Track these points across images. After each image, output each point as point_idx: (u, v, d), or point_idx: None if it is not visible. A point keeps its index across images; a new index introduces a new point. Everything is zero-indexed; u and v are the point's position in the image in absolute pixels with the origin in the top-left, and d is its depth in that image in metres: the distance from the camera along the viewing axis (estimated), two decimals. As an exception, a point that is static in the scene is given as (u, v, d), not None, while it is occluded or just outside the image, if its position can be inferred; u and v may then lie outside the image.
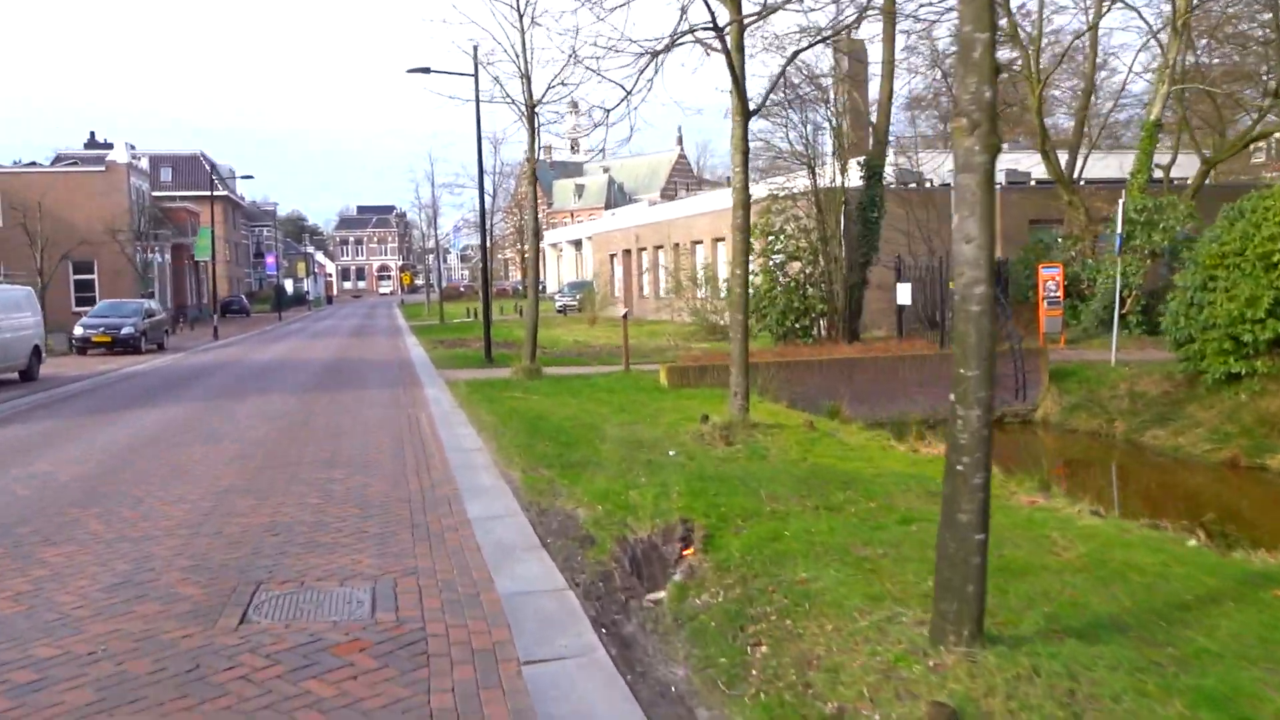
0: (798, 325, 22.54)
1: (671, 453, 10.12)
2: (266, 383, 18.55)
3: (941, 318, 20.18)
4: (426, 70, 20.32)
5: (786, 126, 22.27)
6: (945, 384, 16.82)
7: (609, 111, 11.06)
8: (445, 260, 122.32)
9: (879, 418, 17.15)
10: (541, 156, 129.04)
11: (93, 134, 65.95)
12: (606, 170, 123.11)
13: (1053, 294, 23.13)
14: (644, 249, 43.45)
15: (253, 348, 31.53)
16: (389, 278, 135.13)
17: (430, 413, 13.71)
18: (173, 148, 74.66)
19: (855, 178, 22.80)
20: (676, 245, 39.58)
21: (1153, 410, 16.50)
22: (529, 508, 7.82)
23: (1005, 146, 34.77)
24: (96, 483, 8.82)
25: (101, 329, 28.69)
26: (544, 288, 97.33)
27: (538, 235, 18.08)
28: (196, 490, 8.36)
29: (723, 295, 29.48)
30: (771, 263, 23.29)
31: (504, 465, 9.61)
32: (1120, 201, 20.13)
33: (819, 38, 11.91)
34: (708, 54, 10.98)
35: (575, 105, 34.22)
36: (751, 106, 10.76)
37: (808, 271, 22.88)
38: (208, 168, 74.51)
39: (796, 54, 12.17)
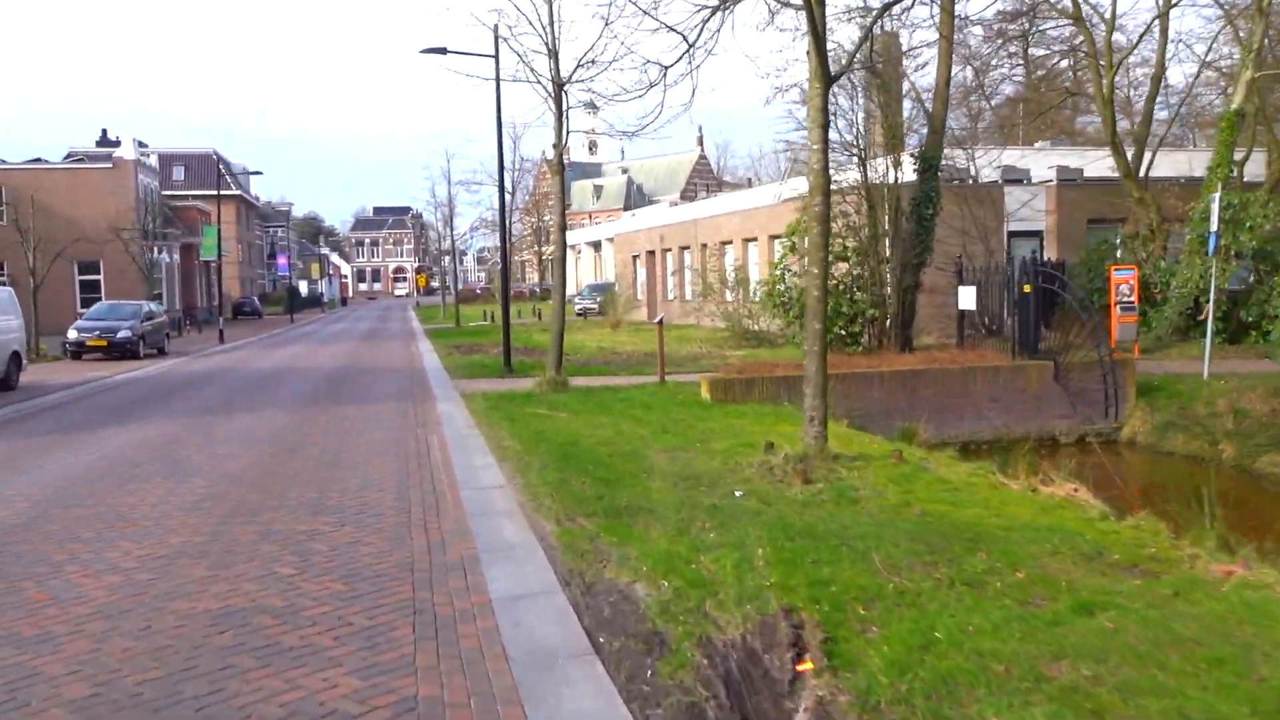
0: (846, 332, 20.55)
1: (738, 493, 8.19)
2: (262, 395, 16.73)
3: (1015, 325, 18.16)
4: (443, 51, 18.45)
5: (835, 114, 20.28)
6: (1021, 399, 14.53)
7: (666, 69, 9.12)
8: (461, 262, 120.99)
9: (948, 437, 15.17)
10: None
11: (104, 131, 64.48)
12: (625, 171, 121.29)
13: (1126, 298, 21.03)
14: (669, 250, 41.53)
15: (257, 353, 29.77)
16: (405, 279, 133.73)
17: (443, 434, 11.81)
18: (186, 146, 73.21)
19: (908, 171, 20.80)
20: (704, 246, 37.62)
21: (1267, 432, 14.44)
22: (569, 580, 5.90)
23: (1048, 144, 32.73)
24: (10, 538, 6.95)
25: (96, 333, 26.99)
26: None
27: (564, 230, 16.18)
28: (137, 552, 6.47)
29: (754, 297, 27.55)
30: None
31: (532, 509, 7.70)
32: (1214, 196, 18.06)
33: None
34: (776, 8, 9.04)
35: (594, 106, 32.79)
36: (833, 70, 8.80)
37: (855, 273, 20.90)
38: (220, 166, 73.17)
39: (887, 8, 10.22)
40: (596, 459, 9.71)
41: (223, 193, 71.63)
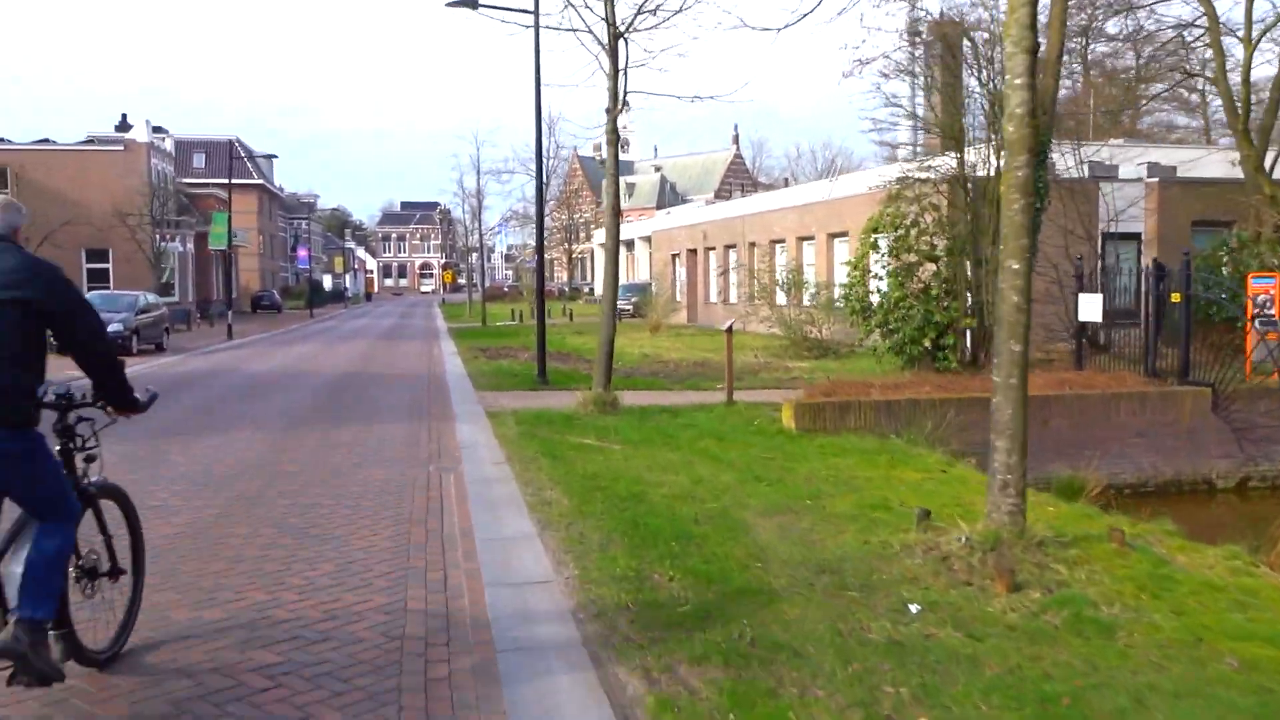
0: (935, 345, 17.54)
1: (913, 608, 5.27)
2: (247, 407, 13.96)
3: (1148, 340, 15.04)
4: (474, 3, 15.60)
5: (929, 87, 17.33)
6: (1172, 433, 10.27)
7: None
8: (489, 259, 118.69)
9: (1086, 479, 12.15)
10: (590, 153, 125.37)
11: (124, 117, 62.26)
12: (658, 169, 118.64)
13: (1266, 311, 17.88)
14: (711, 249, 38.59)
15: (263, 351, 27.11)
16: (431, 276, 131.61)
17: (462, 476, 8.94)
18: (206, 133, 71.04)
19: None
20: (751, 245, 34.65)
21: None
22: None
23: (1123, 142, 29.48)
24: None
25: (85, 325, 24.35)
26: (590, 289, 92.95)
27: (617, 214, 13.29)
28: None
29: (810, 301, 24.57)
30: (887, 263, 18.38)
31: (601, 639, 4.78)
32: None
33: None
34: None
35: (627, 103, 30.39)
36: None
37: (946, 275, 17.89)
38: (242, 154, 70.92)
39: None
40: (678, 527, 6.81)
41: (242, 181, 69.51)
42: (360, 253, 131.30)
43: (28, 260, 3.81)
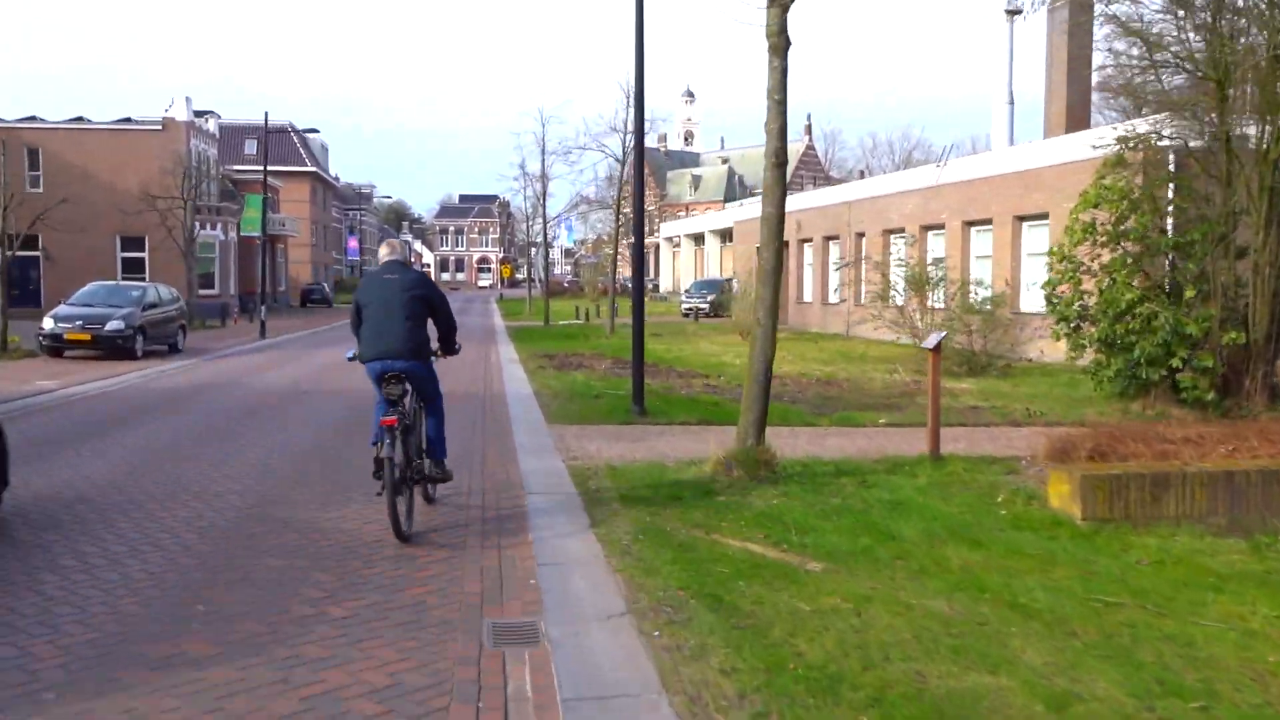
0: (1189, 367, 12.57)
1: None
2: (220, 453, 9.64)
3: None
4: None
5: (1185, 10, 12.35)
6: None
7: None
8: (550, 251, 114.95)
9: None
10: (656, 145, 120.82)
11: (197, 112, 59.18)
12: (725, 161, 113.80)
13: None
14: (807, 240, 33.72)
15: (291, 355, 22.95)
16: (489, 270, 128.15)
17: (546, 661, 4.37)
18: (258, 118, 67.78)
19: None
20: (859, 235, 29.76)
21: None
22: None
23: None
24: None
25: (79, 323, 20.38)
26: (655, 285, 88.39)
27: (783, 165, 8.60)
28: None
29: (974, 302, 19.65)
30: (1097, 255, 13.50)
31: None
32: None
33: None
34: None
35: (692, 95, 26.16)
36: None
37: (1195, 272, 12.92)
38: (294, 139, 67.59)
39: None
40: None
41: (294, 168, 66.31)
42: (418, 246, 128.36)
43: (419, 275, 7.29)
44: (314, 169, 66.97)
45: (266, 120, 34.36)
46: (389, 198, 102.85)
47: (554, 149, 35.38)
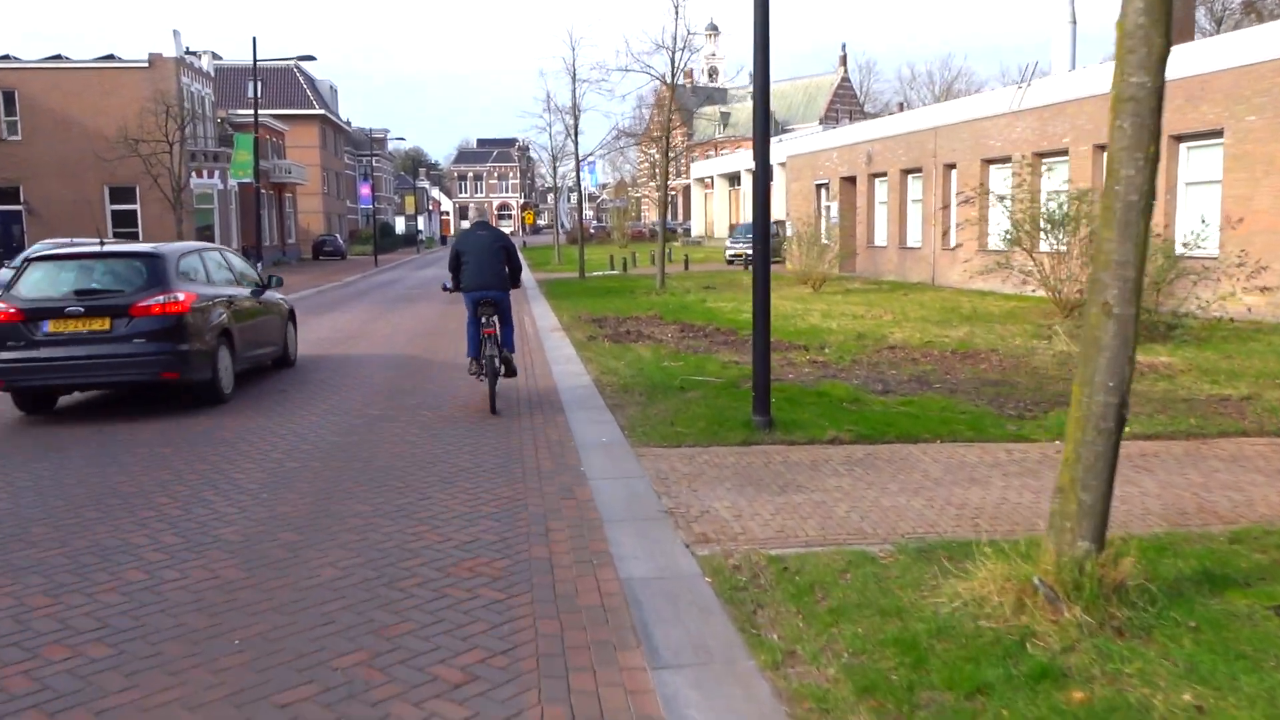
0: None
1: None
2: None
3: None
4: None
5: None
6: None
7: None
8: (570, 198, 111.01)
9: None
10: (681, 80, 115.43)
11: (189, 49, 54.95)
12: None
13: None
14: (879, 175, 29.39)
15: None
16: (509, 217, 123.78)
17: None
18: (262, 58, 63.32)
19: None
20: (949, 168, 25.46)
21: None
22: None
23: None
24: None
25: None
26: (686, 230, 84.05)
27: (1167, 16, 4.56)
28: None
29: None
30: None
31: None
32: None
33: None
34: None
35: (716, 28, 22.20)
36: None
37: None
38: (301, 80, 63.32)
39: None
40: None
41: (301, 110, 62.12)
42: (435, 193, 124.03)
43: (500, 231, 9.88)
44: (322, 111, 62.72)
45: (255, 47, 29.92)
46: (402, 139, 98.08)
47: (586, 76, 30.97)
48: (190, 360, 9.65)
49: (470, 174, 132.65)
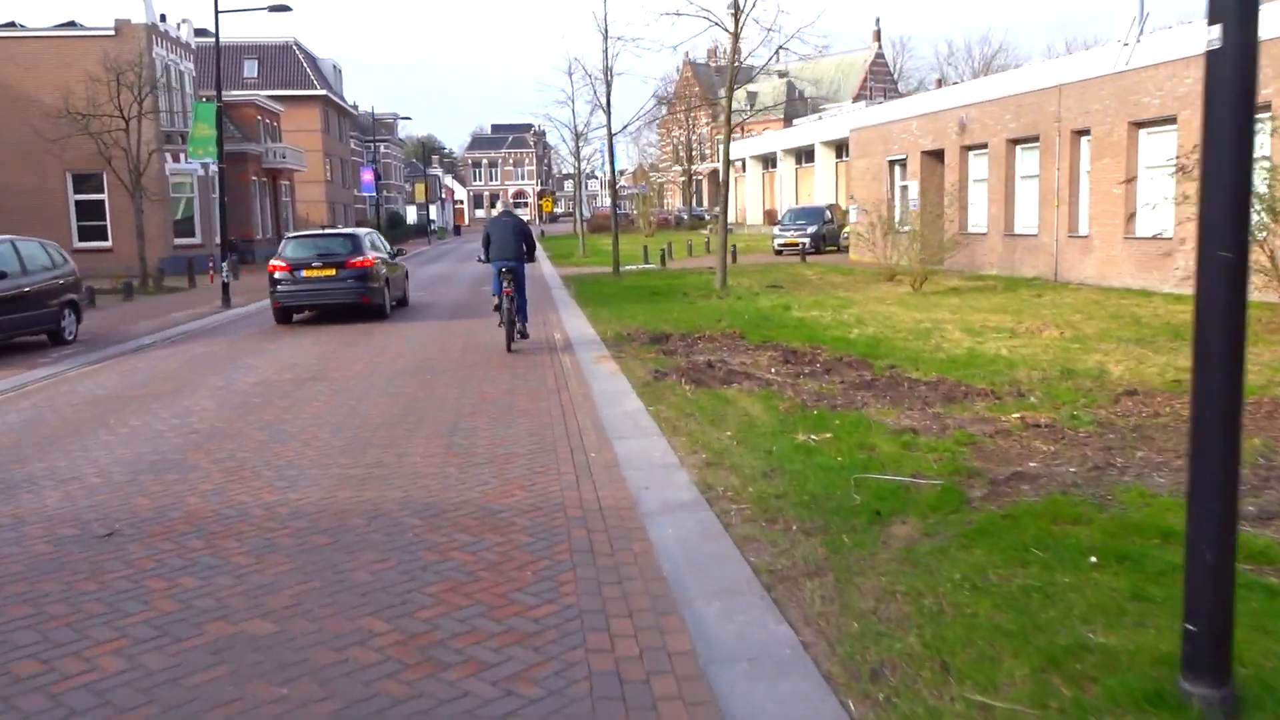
0: None
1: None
2: None
3: None
4: None
5: None
6: None
7: None
8: (586, 184, 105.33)
9: None
10: (704, 59, 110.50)
11: (163, 17, 50.12)
12: (784, 74, 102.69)
13: None
14: (977, 147, 24.30)
15: (232, 355, 14.26)
16: (525, 204, 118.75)
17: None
18: (259, 35, 58.65)
19: None
20: (1079, 134, 20.40)
21: None
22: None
23: None
24: None
25: None
26: (715, 216, 78.89)
27: None
28: None
29: None
30: None
31: None
32: None
33: None
34: None
35: (739, 6, 18.37)
36: None
37: None
38: (301, 58, 58.52)
39: None
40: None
41: (300, 91, 57.33)
42: (449, 181, 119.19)
43: (519, 218, 13.49)
44: (323, 92, 57.88)
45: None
46: (409, 118, 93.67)
47: (621, 33, 26.02)
48: (374, 292, 16.97)
49: (485, 160, 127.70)
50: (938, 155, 26.04)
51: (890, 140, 28.26)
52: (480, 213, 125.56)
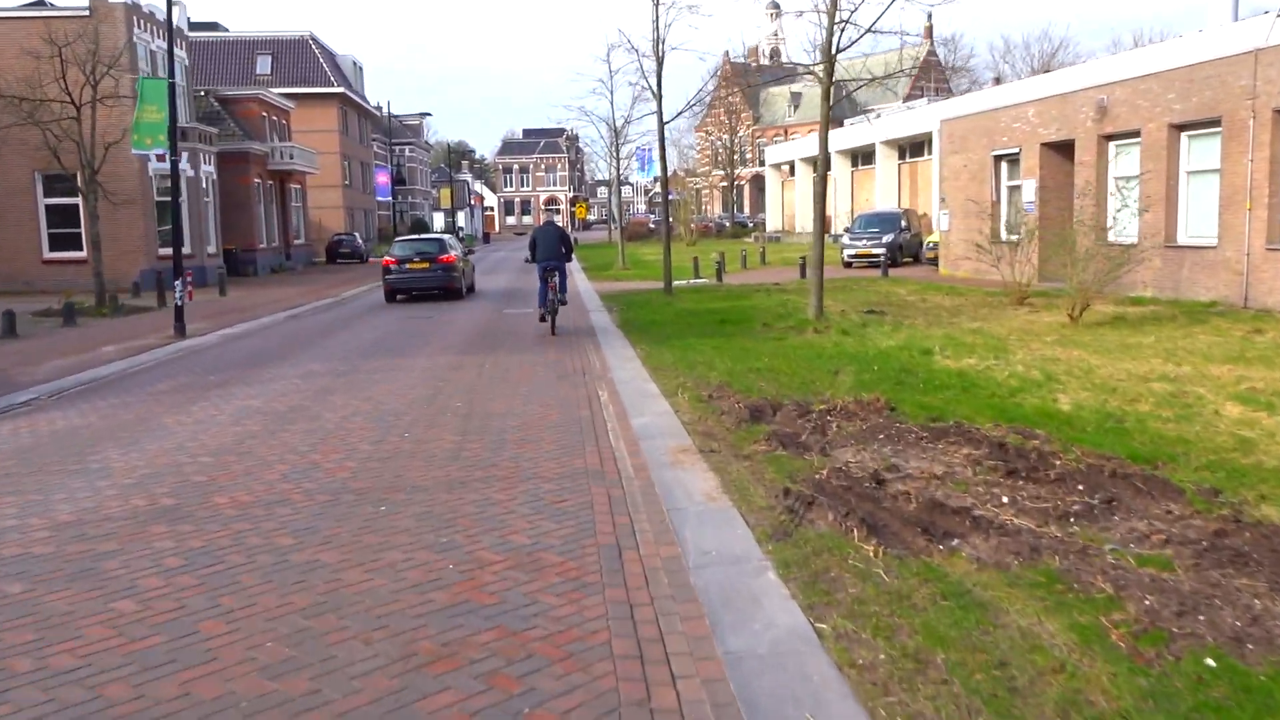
0: None
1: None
2: None
3: None
4: None
5: None
6: None
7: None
8: (625, 188, 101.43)
9: None
10: (745, 58, 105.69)
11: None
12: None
13: None
14: (1124, 136, 19.37)
15: (104, 426, 9.72)
16: (557, 211, 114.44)
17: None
18: (275, 29, 54.66)
19: None
20: None
21: None
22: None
23: None
24: None
25: None
26: (759, 224, 74.21)
27: None
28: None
29: None
30: None
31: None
32: None
33: None
34: None
35: (777, 6, 14.21)
36: None
37: None
38: (317, 52, 54.49)
39: None
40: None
41: (316, 89, 53.25)
42: (479, 187, 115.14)
43: (561, 227, 16.71)
44: (340, 89, 53.73)
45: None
46: (427, 113, 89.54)
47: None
48: (456, 280, 22.62)
49: (516, 166, 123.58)
50: (1063, 148, 21.15)
51: (996, 131, 23.33)
52: (511, 219, 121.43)
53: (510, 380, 11.09)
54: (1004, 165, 23.69)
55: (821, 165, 15.65)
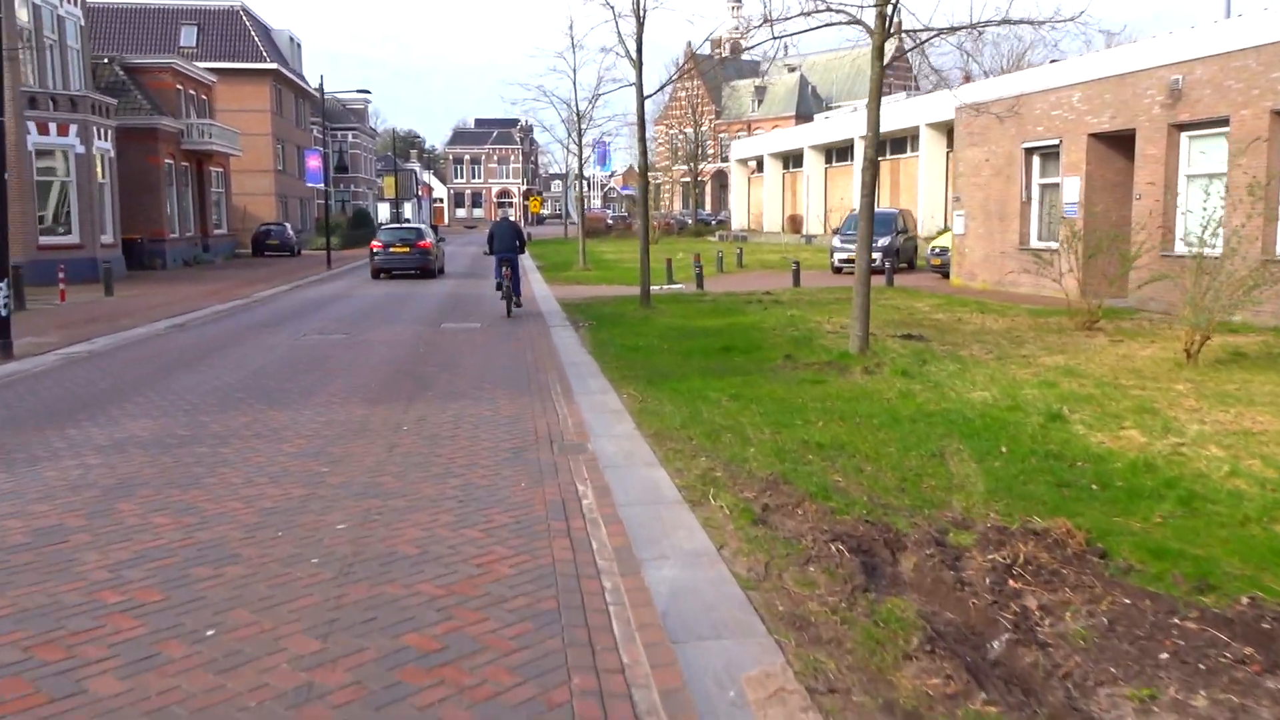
0: None
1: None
2: None
3: None
4: None
5: None
6: None
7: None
8: (582, 182, 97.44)
9: None
10: (708, 51, 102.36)
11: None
12: (794, 69, 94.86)
13: None
14: (1202, 125, 16.01)
15: None
16: (510, 204, 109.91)
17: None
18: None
19: None
20: None
21: None
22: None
23: None
24: None
25: None
26: (722, 221, 70.74)
27: None
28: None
29: None
30: None
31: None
32: None
33: None
34: None
35: None
36: None
37: None
38: (247, 23, 49.74)
39: None
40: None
41: (246, 65, 48.60)
42: (428, 177, 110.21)
43: (515, 223, 19.00)
44: (274, 65, 49.05)
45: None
46: (366, 91, 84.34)
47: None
48: (432, 262, 28.33)
49: (467, 157, 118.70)
50: (1118, 140, 17.76)
51: (1029, 120, 19.87)
52: (461, 212, 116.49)
53: (434, 467, 7.23)
54: (1036, 160, 20.26)
55: (871, 148, 12.06)
